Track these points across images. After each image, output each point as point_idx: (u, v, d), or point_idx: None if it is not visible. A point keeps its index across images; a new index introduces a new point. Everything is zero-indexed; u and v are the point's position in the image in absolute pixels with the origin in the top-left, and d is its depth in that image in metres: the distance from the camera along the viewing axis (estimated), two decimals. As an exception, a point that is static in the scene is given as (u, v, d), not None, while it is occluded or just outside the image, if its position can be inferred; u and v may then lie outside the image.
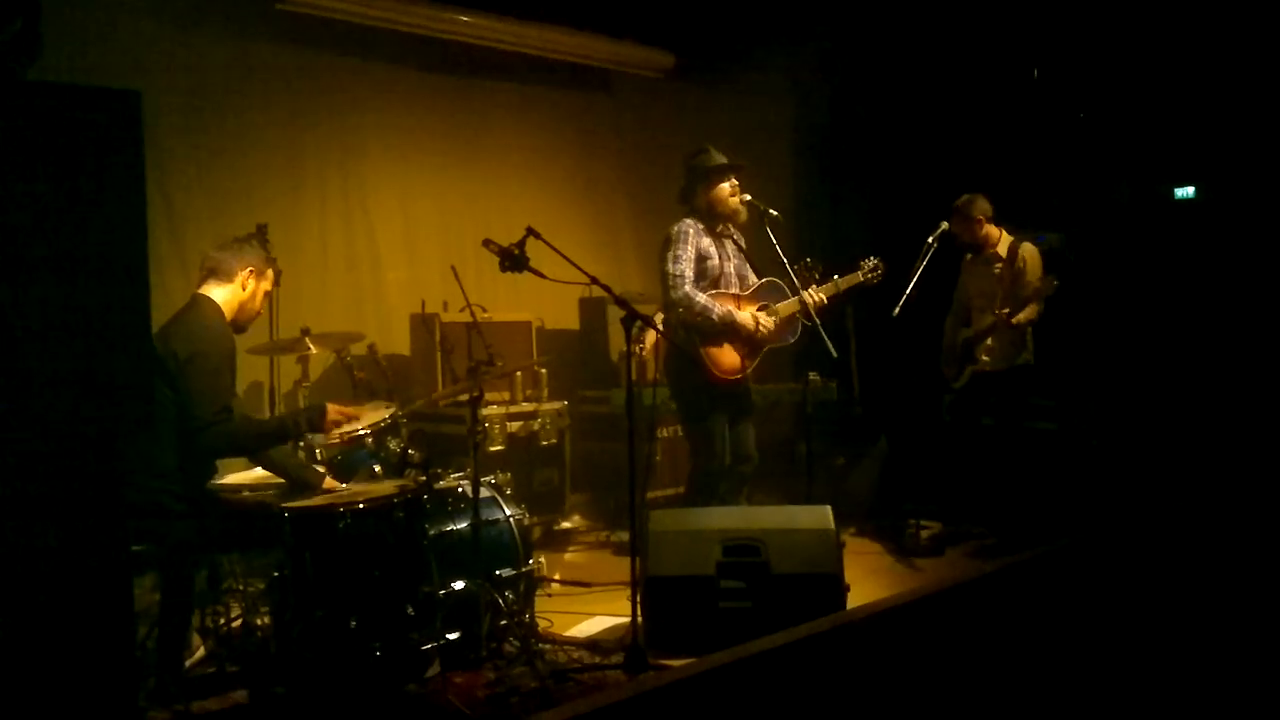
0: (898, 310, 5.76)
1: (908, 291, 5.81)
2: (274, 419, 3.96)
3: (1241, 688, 3.06)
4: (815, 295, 5.00)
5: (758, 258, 5.33)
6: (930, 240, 5.92)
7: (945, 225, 5.94)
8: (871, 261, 5.26)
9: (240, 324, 3.92)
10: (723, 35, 7.26)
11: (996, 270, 5.85)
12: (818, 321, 4.91)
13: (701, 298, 4.87)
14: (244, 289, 3.90)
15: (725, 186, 5.01)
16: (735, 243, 5.16)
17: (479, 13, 6.44)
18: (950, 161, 6.91)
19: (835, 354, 4.93)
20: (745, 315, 4.94)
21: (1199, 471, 5.59)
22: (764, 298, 5.07)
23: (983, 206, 5.92)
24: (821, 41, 7.51)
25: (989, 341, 5.79)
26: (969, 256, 5.97)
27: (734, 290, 5.05)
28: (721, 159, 5.04)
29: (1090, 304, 6.32)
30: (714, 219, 5.05)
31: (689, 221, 4.99)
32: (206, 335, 3.69)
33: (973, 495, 6.00)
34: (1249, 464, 5.50)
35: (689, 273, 4.89)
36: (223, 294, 3.85)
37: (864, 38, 7.38)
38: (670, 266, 4.90)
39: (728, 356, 4.91)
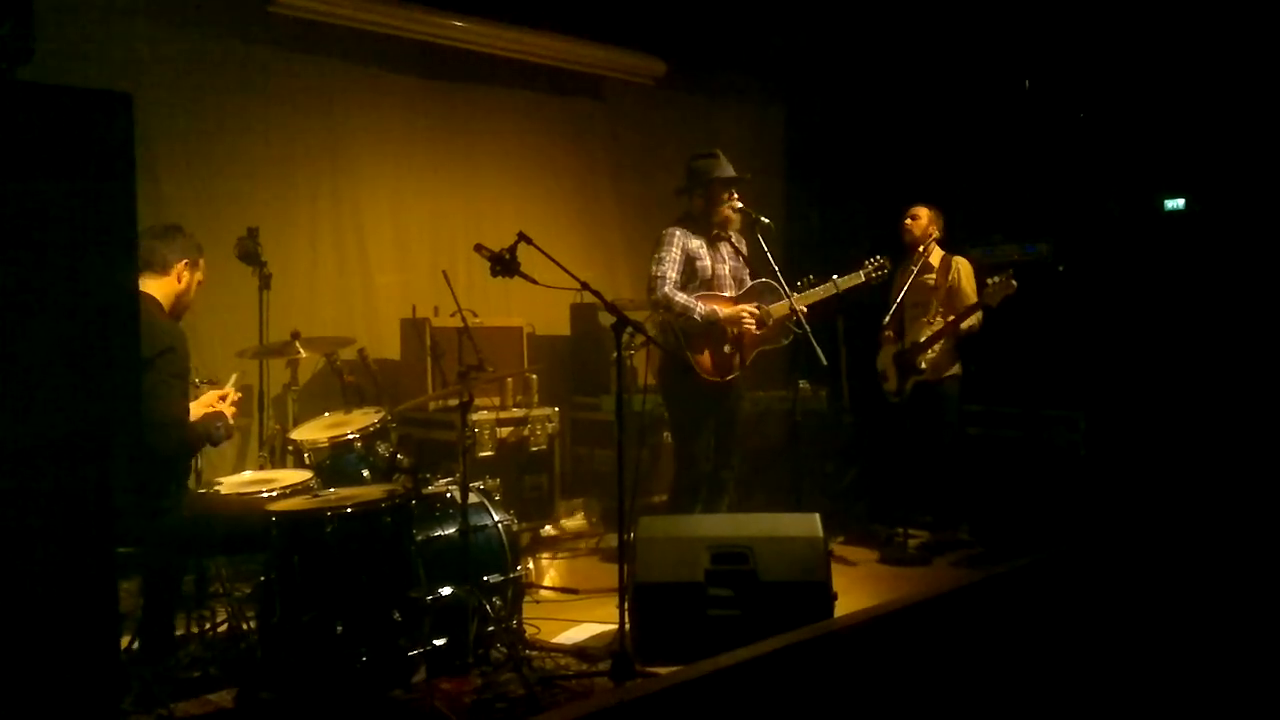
0: (888, 319, 5.78)
1: (898, 300, 5.84)
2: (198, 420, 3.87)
3: (1232, 697, 3.07)
4: (816, 294, 5.05)
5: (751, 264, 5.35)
6: (921, 249, 5.96)
7: (937, 234, 5.98)
8: (877, 260, 5.29)
9: (176, 316, 3.85)
10: (714, 43, 7.28)
11: (930, 281, 5.90)
12: (808, 330, 4.92)
13: (681, 297, 4.90)
14: (180, 281, 3.82)
15: (724, 198, 5.05)
16: (733, 245, 5.17)
17: (471, 18, 6.44)
18: (940, 170, 6.94)
19: (825, 362, 4.95)
20: (731, 314, 4.96)
21: (1188, 481, 5.61)
22: (756, 299, 5.08)
23: (936, 217, 5.99)
24: (812, 50, 7.53)
25: (931, 351, 5.82)
26: (902, 267, 6.02)
27: (728, 292, 5.06)
28: (728, 171, 5.07)
29: (1079, 314, 6.34)
30: (706, 224, 5.08)
31: (676, 226, 5.05)
32: (169, 333, 3.64)
33: (961, 504, 6.02)
34: (1239, 472, 5.52)
35: (671, 274, 4.93)
36: (158, 287, 3.75)
37: (855, 47, 7.40)
38: (653, 269, 4.96)
39: (714, 357, 4.93)
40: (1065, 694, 3.10)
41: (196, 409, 3.89)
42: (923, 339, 5.79)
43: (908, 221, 5.98)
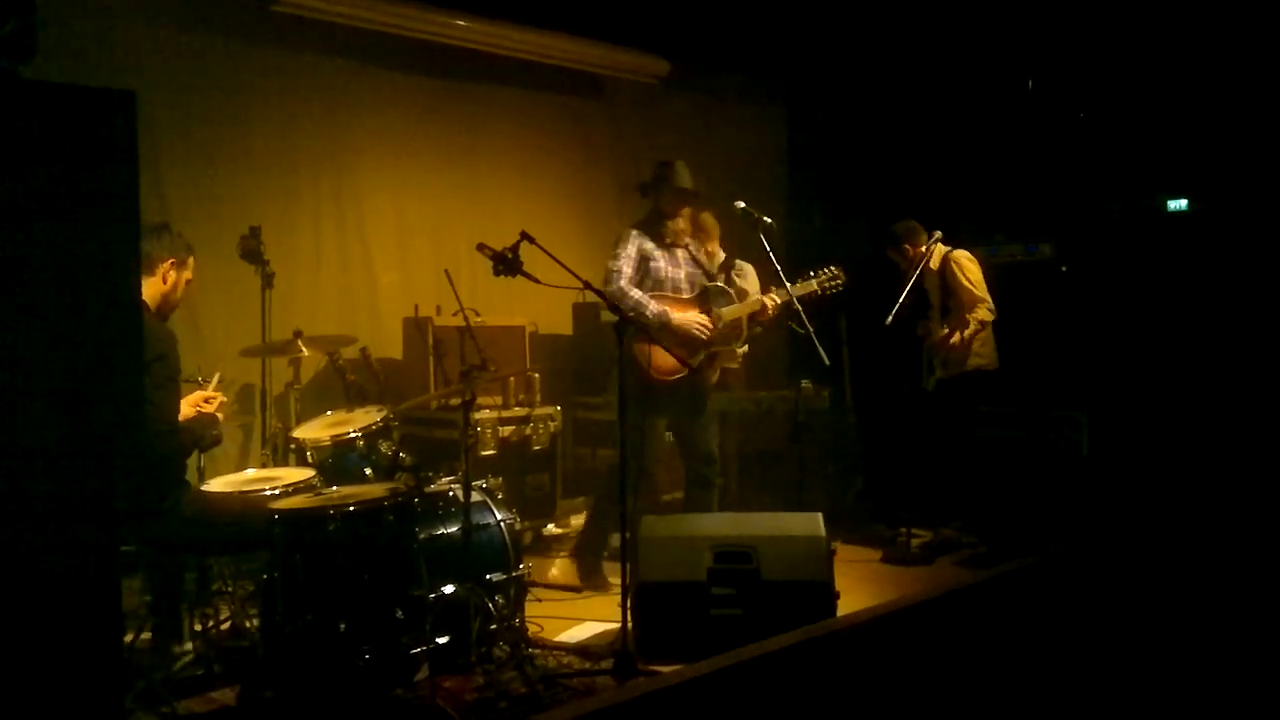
0: (891, 319, 5.77)
1: (901, 299, 5.83)
2: (189, 422, 3.84)
3: (1234, 697, 3.06)
4: (771, 298, 5.12)
5: (750, 263, 5.35)
6: (923, 249, 5.95)
7: (939, 234, 5.98)
8: (829, 270, 5.26)
9: (163, 315, 3.82)
10: (717, 42, 7.28)
11: (935, 282, 5.91)
12: (810, 329, 4.93)
13: (635, 294, 4.94)
14: (165, 281, 3.77)
15: (674, 210, 5.12)
16: (689, 252, 5.24)
17: (474, 17, 6.44)
18: (943, 170, 6.93)
19: (828, 361, 4.95)
20: (681, 316, 5.00)
21: (1191, 481, 5.61)
22: (707, 302, 5.14)
23: (904, 234, 6.01)
24: (815, 49, 7.52)
25: (943, 352, 5.85)
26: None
27: (684, 295, 5.10)
28: (685, 183, 5.11)
29: (1082, 314, 6.34)
30: (660, 227, 5.13)
31: (634, 227, 5.12)
32: (159, 338, 3.60)
33: (963, 503, 6.02)
34: (1241, 473, 5.52)
35: (626, 270, 4.99)
36: (146, 289, 3.66)
37: (858, 47, 7.39)
38: (609, 263, 5.02)
39: (663, 356, 4.93)
40: (1068, 694, 3.10)
41: (184, 409, 3.88)
42: (937, 339, 5.81)
43: (895, 258, 6.05)
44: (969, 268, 5.86)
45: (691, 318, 5.03)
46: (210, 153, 5.68)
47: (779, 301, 5.11)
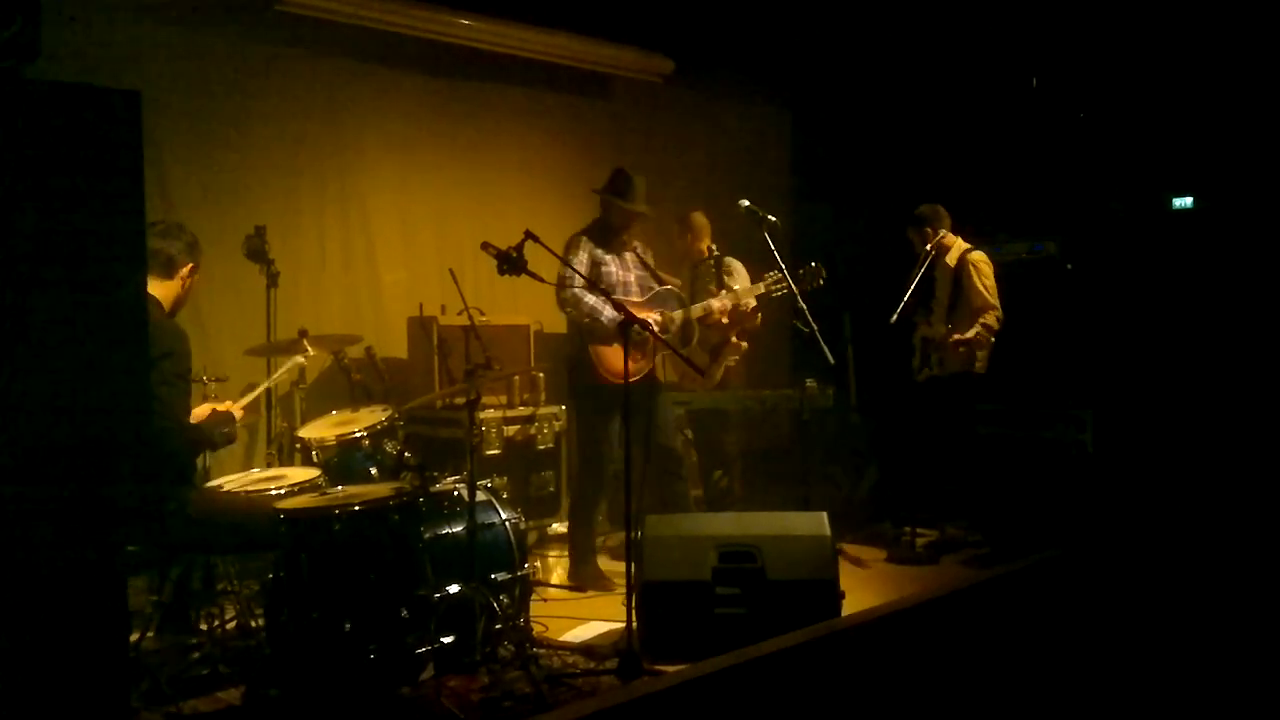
0: (895, 317, 5.77)
1: (905, 299, 5.83)
2: (199, 427, 3.85)
3: (1236, 698, 3.06)
4: (720, 302, 5.35)
5: (754, 261, 5.34)
6: (928, 248, 5.95)
7: (944, 232, 5.97)
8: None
9: (172, 313, 3.84)
10: (722, 41, 7.27)
11: (948, 278, 5.90)
12: (815, 328, 4.93)
13: (590, 298, 5.00)
14: (183, 287, 3.81)
15: (624, 224, 5.22)
16: (638, 255, 5.31)
17: (478, 16, 6.44)
18: (947, 168, 6.92)
19: (832, 360, 4.96)
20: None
21: (1195, 480, 5.60)
22: (659, 305, 5.21)
23: (929, 215, 6.00)
24: (820, 48, 7.52)
25: (941, 351, 5.85)
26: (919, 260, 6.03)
27: (635, 299, 5.16)
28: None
29: (1087, 312, 6.33)
30: (609, 234, 5.22)
31: (584, 233, 5.22)
32: (170, 335, 3.62)
33: (969, 502, 6.01)
34: (1245, 472, 5.51)
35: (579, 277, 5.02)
36: (162, 290, 3.71)
37: (863, 45, 7.38)
38: (561, 270, 5.03)
39: (616, 358, 4.94)
40: (1073, 693, 3.09)
41: (199, 414, 3.89)
42: (949, 340, 5.79)
43: (914, 239, 6.05)
44: (985, 271, 5.85)
45: (641, 321, 5.05)
46: (214, 153, 5.68)
47: (720, 305, 5.30)
